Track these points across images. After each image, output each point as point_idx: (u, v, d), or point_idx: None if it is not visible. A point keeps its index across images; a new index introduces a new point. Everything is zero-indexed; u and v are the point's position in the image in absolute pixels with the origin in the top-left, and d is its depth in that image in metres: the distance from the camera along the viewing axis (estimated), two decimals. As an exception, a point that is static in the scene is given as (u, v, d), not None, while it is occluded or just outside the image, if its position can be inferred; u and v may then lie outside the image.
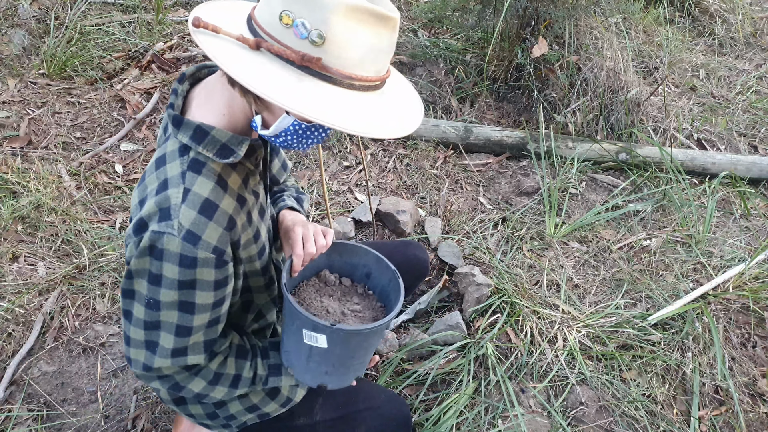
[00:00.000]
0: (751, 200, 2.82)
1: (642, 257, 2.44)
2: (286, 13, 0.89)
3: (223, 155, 1.06)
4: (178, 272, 1.03)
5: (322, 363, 1.22)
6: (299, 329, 1.17)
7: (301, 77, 0.92)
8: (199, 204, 1.03)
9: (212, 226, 1.04)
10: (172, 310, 1.08)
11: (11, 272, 2.06)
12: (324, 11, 0.88)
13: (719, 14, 4.14)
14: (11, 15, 3.24)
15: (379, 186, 2.67)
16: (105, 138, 2.73)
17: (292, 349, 1.23)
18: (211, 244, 1.04)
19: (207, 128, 1.05)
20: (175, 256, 1.02)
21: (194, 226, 1.02)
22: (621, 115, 2.99)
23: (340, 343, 1.17)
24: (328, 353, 1.20)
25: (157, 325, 1.10)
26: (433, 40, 3.44)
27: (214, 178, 1.06)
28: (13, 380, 1.78)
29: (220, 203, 1.06)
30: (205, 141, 1.05)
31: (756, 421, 1.90)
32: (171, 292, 1.06)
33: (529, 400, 1.88)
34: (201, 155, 1.06)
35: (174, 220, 1.01)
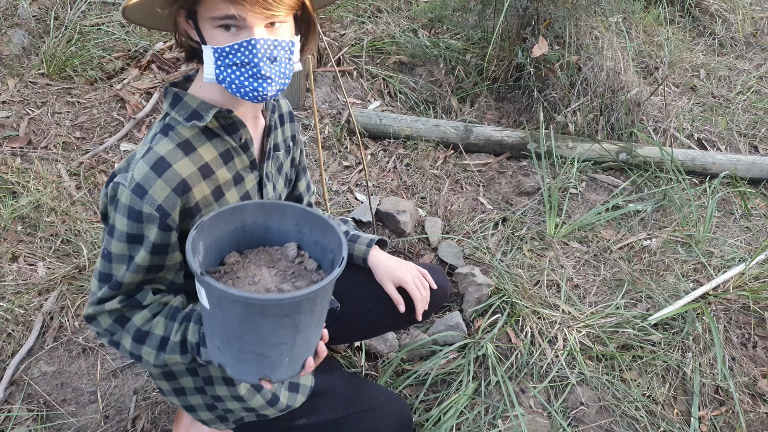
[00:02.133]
0: (751, 200, 2.82)
1: (642, 257, 2.44)
2: None
3: (189, 118, 1.11)
4: (126, 224, 1.08)
5: (211, 331, 1.06)
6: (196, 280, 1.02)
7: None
8: (153, 161, 1.08)
9: (160, 183, 1.07)
10: (121, 263, 1.12)
11: (11, 272, 2.06)
12: None
13: (719, 14, 4.14)
14: (11, 15, 3.23)
15: (379, 186, 2.67)
16: (105, 138, 2.73)
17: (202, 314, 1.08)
18: (156, 201, 1.07)
19: (182, 94, 1.13)
20: (125, 208, 1.07)
21: (143, 180, 1.06)
22: (621, 115, 2.99)
23: (218, 306, 0.99)
24: (212, 317, 1.03)
25: (108, 278, 1.14)
26: (433, 40, 3.44)
27: (177, 141, 1.11)
28: (13, 380, 1.78)
29: (174, 164, 1.09)
30: (179, 106, 1.12)
31: (756, 421, 1.90)
32: (120, 245, 1.10)
33: (529, 401, 1.87)
34: (173, 119, 1.13)
35: (129, 173, 1.08)
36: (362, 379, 1.66)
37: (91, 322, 1.18)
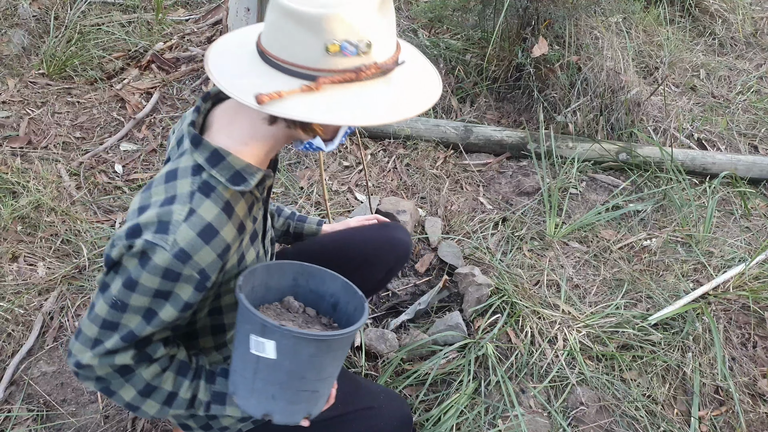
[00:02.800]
0: (751, 200, 2.82)
1: (642, 257, 2.44)
2: (331, 42, 0.93)
3: (235, 182, 1.06)
4: (158, 283, 1.02)
5: (269, 382, 1.12)
6: (246, 335, 1.09)
7: (364, 89, 0.98)
8: (201, 227, 1.02)
9: (207, 250, 1.03)
10: (136, 315, 1.05)
11: (11, 272, 2.06)
12: (360, 21, 0.94)
13: (719, 14, 4.14)
14: (11, 15, 3.23)
15: (379, 186, 2.67)
16: (105, 138, 2.73)
17: (238, 366, 1.14)
18: (200, 265, 1.03)
19: (224, 153, 1.05)
20: (160, 270, 1.01)
21: (189, 246, 1.01)
22: (621, 115, 2.99)
23: (290, 353, 1.08)
24: (277, 367, 1.10)
25: (115, 327, 1.07)
26: (433, 40, 3.44)
27: (221, 204, 1.05)
28: (13, 380, 1.78)
29: (221, 230, 1.05)
30: (220, 165, 1.05)
31: (756, 421, 1.90)
32: (143, 299, 1.04)
33: (529, 401, 1.87)
34: (213, 178, 1.05)
35: (170, 236, 1.00)
36: (361, 377, 1.66)
37: (83, 369, 1.09)
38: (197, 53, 3.21)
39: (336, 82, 0.96)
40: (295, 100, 0.95)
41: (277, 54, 0.98)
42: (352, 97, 0.97)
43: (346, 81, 0.96)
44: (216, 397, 1.20)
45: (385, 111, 0.98)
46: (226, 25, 2.99)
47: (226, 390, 1.20)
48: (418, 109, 1.00)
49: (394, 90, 1.01)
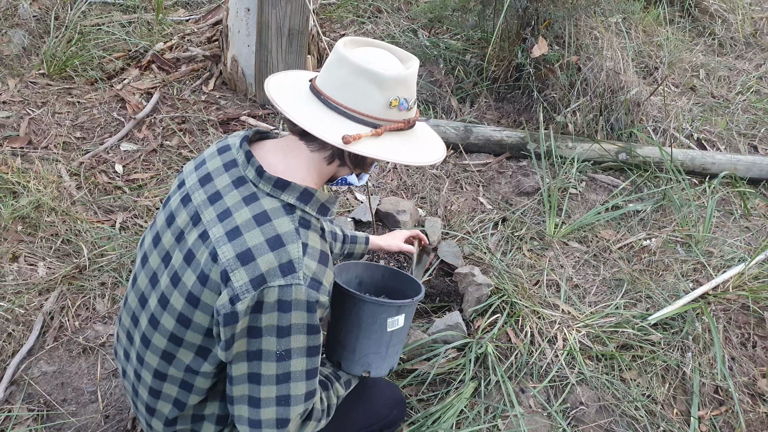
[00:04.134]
0: (751, 200, 2.82)
1: (642, 257, 2.44)
2: (395, 98, 1.18)
3: (323, 212, 1.22)
4: (306, 317, 1.14)
5: (397, 343, 1.48)
6: (383, 323, 1.41)
7: (408, 137, 1.24)
8: (318, 255, 1.17)
9: (328, 272, 1.18)
10: (302, 356, 1.17)
11: (11, 272, 2.07)
12: (412, 85, 1.21)
13: (719, 14, 4.14)
14: (11, 15, 3.24)
15: (379, 186, 2.67)
16: (105, 138, 2.73)
17: (371, 349, 1.43)
18: (327, 288, 1.18)
19: (312, 191, 1.20)
20: (303, 304, 1.13)
21: (316, 275, 1.15)
22: (621, 115, 2.99)
23: (408, 317, 1.47)
24: (402, 330, 1.47)
25: (288, 377, 1.17)
26: (433, 40, 3.44)
27: (319, 233, 1.22)
28: (13, 380, 1.78)
29: (329, 252, 1.22)
30: (311, 202, 1.20)
31: (756, 421, 1.90)
32: (301, 337, 1.15)
33: (529, 400, 1.88)
34: (307, 213, 1.20)
35: (299, 272, 1.12)
36: None
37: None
38: (197, 53, 3.22)
39: (392, 130, 1.20)
40: (367, 143, 1.16)
41: (345, 103, 1.17)
42: (402, 142, 1.21)
43: (398, 129, 1.21)
44: (347, 384, 1.44)
45: (425, 154, 1.24)
46: (227, 25, 2.99)
47: (348, 376, 1.45)
48: (443, 152, 1.30)
49: (423, 138, 1.29)
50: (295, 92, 1.22)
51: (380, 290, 1.70)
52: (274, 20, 2.77)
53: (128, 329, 1.33)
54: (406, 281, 1.65)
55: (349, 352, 1.44)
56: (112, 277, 2.10)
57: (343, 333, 1.44)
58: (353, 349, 1.43)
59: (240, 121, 2.88)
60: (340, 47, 1.18)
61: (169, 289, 1.21)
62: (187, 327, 1.19)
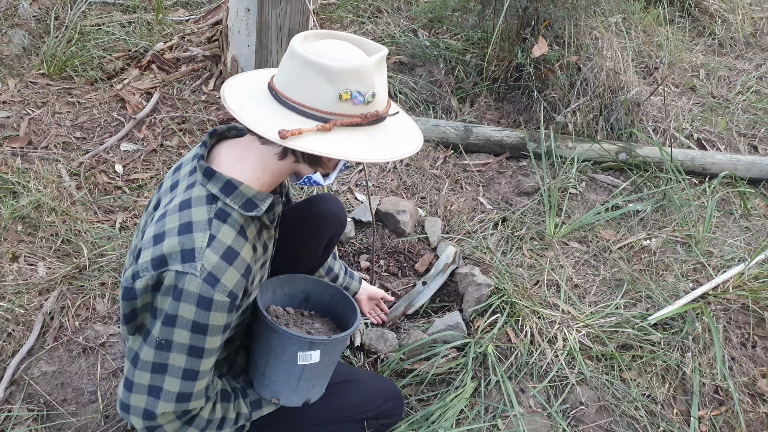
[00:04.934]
0: (750, 200, 2.82)
1: (642, 257, 2.44)
2: (345, 91, 1.11)
3: (247, 208, 1.17)
4: (194, 313, 1.10)
5: (312, 378, 1.38)
6: (293, 354, 1.32)
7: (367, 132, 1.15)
8: (222, 250, 1.12)
9: (231, 271, 1.12)
10: (182, 353, 1.13)
11: (11, 272, 2.06)
12: (370, 77, 1.12)
13: (719, 14, 4.14)
14: (11, 15, 3.24)
15: (379, 186, 2.67)
16: (105, 138, 2.73)
17: (281, 378, 1.36)
18: (227, 287, 1.12)
19: (236, 183, 1.17)
20: (194, 296, 1.09)
21: (215, 270, 1.10)
22: (621, 115, 2.99)
23: (328, 352, 1.37)
24: (319, 366, 1.37)
25: (164, 369, 1.14)
26: (433, 40, 3.44)
27: (237, 228, 1.16)
28: (13, 380, 1.78)
29: (241, 251, 1.15)
30: (234, 194, 1.16)
31: (756, 421, 1.91)
32: (184, 333, 1.11)
33: (529, 400, 1.88)
34: (227, 206, 1.16)
35: (198, 262, 1.09)
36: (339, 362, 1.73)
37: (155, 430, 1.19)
38: (197, 53, 3.22)
39: (345, 125, 1.13)
40: (311, 138, 1.10)
41: (293, 97, 1.12)
42: (358, 138, 1.14)
43: (353, 124, 1.13)
44: (254, 405, 1.38)
45: (384, 151, 1.16)
46: (227, 25, 2.99)
47: (259, 397, 1.39)
48: (409, 151, 1.19)
49: (390, 134, 1.19)
50: (255, 90, 1.20)
51: (326, 312, 1.61)
52: (274, 20, 2.77)
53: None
54: (352, 311, 1.52)
55: (260, 375, 1.39)
56: (112, 277, 2.10)
57: (256, 353, 1.39)
58: (263, 372, 1.38)
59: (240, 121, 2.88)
60: (294, 41, 1.14)
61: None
62: None
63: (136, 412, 1.17)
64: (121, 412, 1.20)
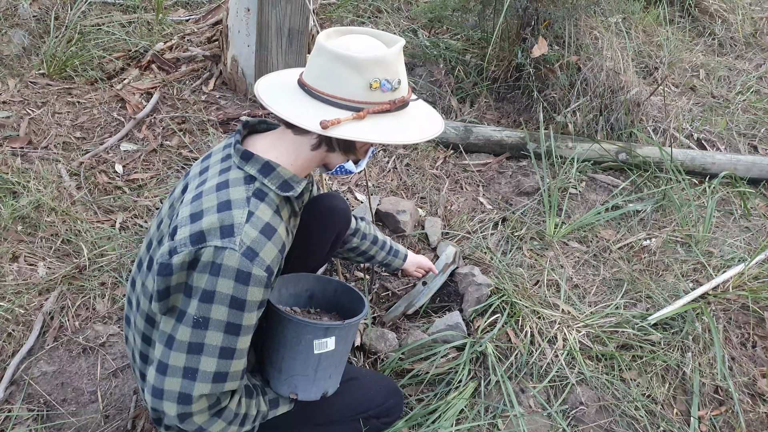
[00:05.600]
0: (751, 200, 2.82)
1: (642, 257, 2.44)
2: (374, 80, 1.19)
3: (284, 189, 1.23)
4: (233, 288, 1.12)
5: (329, 367, 1.39)
6: (309, 344, 1.33)
7: (396, 118, 1.23)
8: (261, 225, 1.16)
9: (270, 245, 1.16)
10: (219, 331, 1.14)
11: (11, 272, 2.07)
12: (393, 66, 1.20)
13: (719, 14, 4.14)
14: (11, 15, 3.24)
15: (379, 186, 2.67)
16: (105, 138, 2.73)
17: (298, 371, 1.36)
18: (265, 262, 1.15)
19: (274, 165, 1.23)
20: (233, 271, 1.11)
21: (254, 244, 1.13)
22: (621, 115, 2.99)
23: (343, 338, 1.38)
24: (334, 354, 1.38)
25: (201, 348, 1.15)
26: (433, 40, 3.44)
27: (274, 208, 1.21)
28: (13, 380, 1.78)
29: (278, 228, 1.20)
30: (271, 175, 1.22)
31: (756, 421, 1.91)
32: (222, 309, 1.13)
33: (529, 400, 1.88)
34: (265, 186, 1.21)
35: (237, 237, 1.12)
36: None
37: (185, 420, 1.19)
38: (197, 53, 3.22)
39: (376, 112, 1.21)
40: (348, 126, 1.18)
41: (325, 90, 1.20)
42: (389, 123, 1.22)
43: (383, 111, 1.21)
44: (272, 404, 1.38)
45: (414, 133, 1.24)
46: (227, 25, 2.99)
47: (276, 396, 1.40)
48: (435, 132, 1.28)
49: (414, 118, 1.27)
50: (284, 87, 1.27)
51: (332, 306, 1.63)
52: (274, 20, 2.77)
53: (128, 294, 1.40)
54: (358, 300, 1.56)
55: (276, 371, 1.38)
56: (112, 277, 2.10)
57: (271, 350, 1.39)
58: (279, 368, 1.38)
59: (240, 121, 2.88)
60: (321, 38, 1.22)
61: (155, 252, 1.26)
62: None
63: (170, 397, 1.16)
64: (152, 399, 1.18)
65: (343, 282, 1.63)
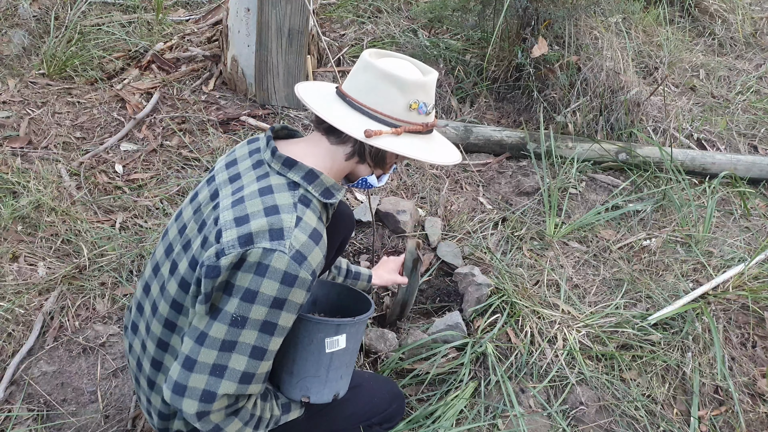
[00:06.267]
0: (750, 200, 2.82)
1: (642, 257, 2.44)
2: (414, 101, 1.27)
3: (326, 196, 1.26)
4: (277, 289, 1.13)
5: (340, 367, 1.40)
6: (320, 342, 1.34)
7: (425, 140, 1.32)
8: (309, 231, 1.18)
9: (317, 250, 1.18)
10: (254, 329, 1.15)
11: (11, 272, 2.07)
12: (431, 91, 1.30)
13: (719, 14, 4.14)
14: (11, 15, 3.24)
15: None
16: (105, 138, 2.73)
17: (310, 372, 1.36)
18: (312, 266, 1.17)
19: (318, 173, 1.26)
20: (279, 273, 1.13)
21: (303, 248, 1.15)
22: (621, 115, 2.99)
23: (353, 335, 1.40)
24: (345, 352, 1.39)
25: (233, 346, 1.16)
26: (433, 40, 3.44)
27: (318, 214, 1.24)
28: (13, 380, 1.79)
29: (323, 234, 1.23)
30: (315, 182, 1.25)
31: (756, 421, 1.91)
32: (262, 309, 1.14)
33: (529, 400, 1.88)
34: (309, 193, 1.24)
35: (287, 240, 1.14)
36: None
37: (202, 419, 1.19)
38: (197, 53, 3.22)
39: (410, 132, 1.28)
40: (387, 139, 1.25)
41: (367, 104, 1.26)
42: (420, 143, 1.30)
43: (416, 132, 1.29)
44: (284, 408, 1.38)
45: (442, 156, 1.33)
46: (227, 25, 2.99)
47: (288, 400, 1.40)
48: (457, 159, 1.39)
49: (440, 143, 1.39)
50: (322, 95, 1.32)
51: (336, 309, 1.63)
52: (274, 20, 2.77)
53: (139, 300, 1.38)
54: (362, 300, 1.58)
55: (287, 375, 1.38)
56: (112, 277, 2.10)
57: (280, 353, 1.37)
58: (291, 371, 1.37)
59: (240, 121, 2.88)
60: (366, 56, 1.29)
61: (179, 256, 1.27)
62: (187, 292, 1.23)
63: (193, 394, 1.16)
64: (173, 396, 1.18)
65: (346, 285, 1.63)
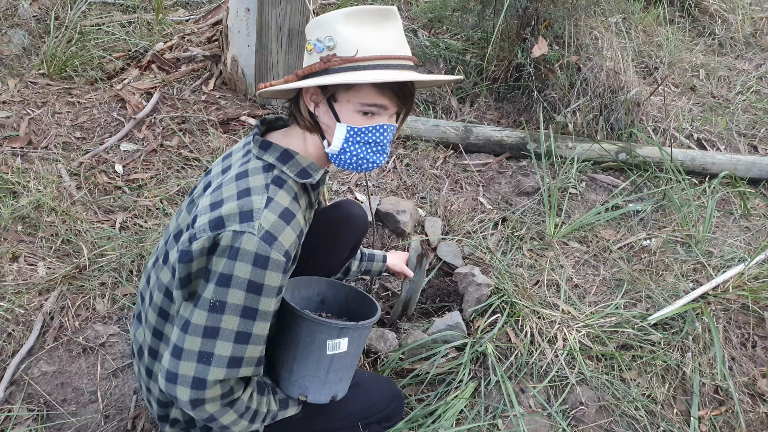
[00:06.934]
0: (750, 200, 2.82)
1: (642, 257, 2.44)
2: (308, 43, 1.21)
3: (302, 176, 1.24)
4: (250, 271, 1.12)
5: (339, 370, 1.39)
6: (322, 343, 1.33)
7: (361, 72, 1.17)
8: (280, 210, 1.17)
9: (288, 230, 1.16)
10: (235, 315, 1.14)
11: (11, 272, 2.07)
12: (334, 24, 1.19)
13: (719, 14, 4.14)
14: (11, 15, 3.24)
15: (379, 186, 2.67)
16: (105, 138, 2.73)
17: (309, 371, 1.36)
18: (284, 246, 1.15)
19: (292, 152, 1.25)
20: (250, 255, 1.11)
21: (273, 228, 1.14)
22: (621, 115, 2.99)
23: (356, 340, 1.38)
24: (346, 357, 1.38)
25: (216, 332, 1.15)
26: (433, 40, 3.44)
27: (292, 195, 1.22)
28: (13, 380, 1.78)
29: (296, 214, 1.21)
30: (290, 163, 1.24)
31: (756, 421, 1.90)
32: (239, 293, 1.13)
33: (529, 400, 1.88)
34: (284, 173, 1.23)
35: (255, 221, 1.13)
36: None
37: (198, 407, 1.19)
38: (197, 53, 3.22)
39: (305, 74, 1.21)
40: (309, 80, 1.20)
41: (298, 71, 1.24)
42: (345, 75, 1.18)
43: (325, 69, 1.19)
44: (282, 404, 1.38)
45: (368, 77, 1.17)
46: (227, 25, 2.99)
47: (286, 396, 1.39)
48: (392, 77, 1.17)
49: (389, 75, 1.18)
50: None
51: (343, 311, 1.63)
52: (274, 20, 2.77)
53: (141, 290, 1.40)
54: (369, 305, 1.57)
55: (287, 372, 1.38)
56: (112, 277, 2.10)
57: (282, 350, 1.38)
58: (290, 368, 1.37)
59: (240, 121, 2.88)
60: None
61: (171, 245, 1.28)
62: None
63: (184, 381, 1.16)
64: (167, 384, 1.18)
65: (355, 287, 1.63)
